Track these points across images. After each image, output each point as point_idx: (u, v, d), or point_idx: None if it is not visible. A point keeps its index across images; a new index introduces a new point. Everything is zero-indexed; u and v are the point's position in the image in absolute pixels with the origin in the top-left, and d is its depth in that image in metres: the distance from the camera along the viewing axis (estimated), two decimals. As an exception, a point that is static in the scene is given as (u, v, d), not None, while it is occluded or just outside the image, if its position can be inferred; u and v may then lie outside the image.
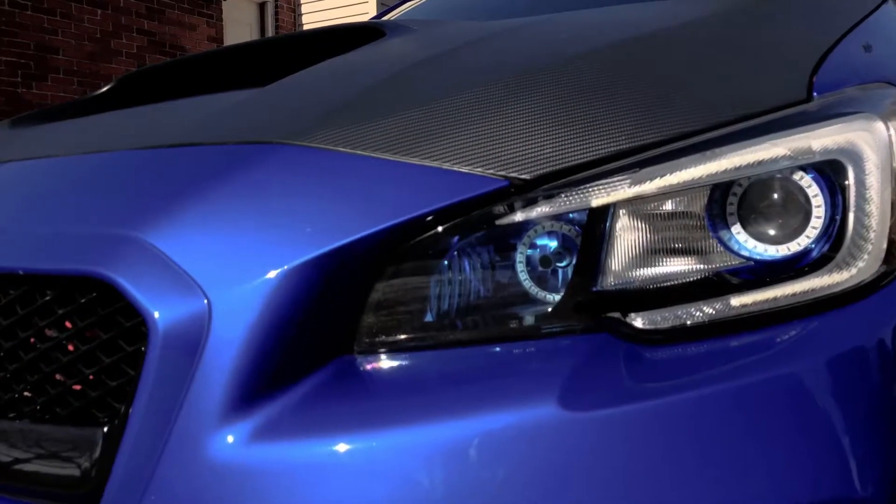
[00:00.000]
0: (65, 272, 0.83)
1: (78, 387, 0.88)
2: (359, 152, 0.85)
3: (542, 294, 0.84)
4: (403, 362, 0.82)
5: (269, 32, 9.77)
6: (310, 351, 0.80)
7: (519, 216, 0.80)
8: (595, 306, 0.82)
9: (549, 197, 0.80)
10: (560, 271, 0.84)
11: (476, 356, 0.81)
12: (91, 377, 0.86)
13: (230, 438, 0.75)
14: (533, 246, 0.84)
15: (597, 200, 0.79)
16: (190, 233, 0.81)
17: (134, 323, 0.82)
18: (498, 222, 0.80)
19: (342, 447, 0.74)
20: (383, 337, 0.83)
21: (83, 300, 0.84)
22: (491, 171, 0.80)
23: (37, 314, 0.89)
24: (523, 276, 0.83)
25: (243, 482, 0.74)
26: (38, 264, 0.85)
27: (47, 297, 0.87)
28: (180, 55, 8.64)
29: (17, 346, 0.91)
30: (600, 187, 0.79)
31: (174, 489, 0.76)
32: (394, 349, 0.83)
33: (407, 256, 0.82)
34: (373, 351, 0.83)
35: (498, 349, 0.81)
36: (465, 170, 0.81)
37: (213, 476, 0.75)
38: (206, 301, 0.77)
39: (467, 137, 0.84)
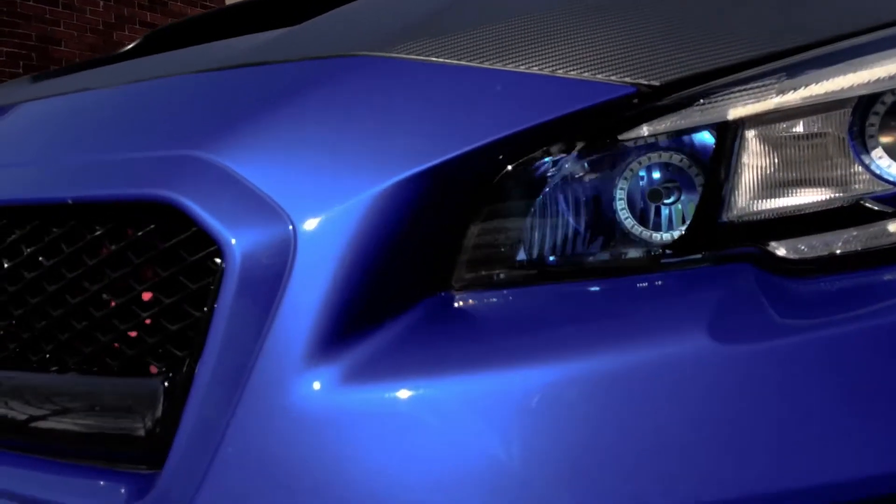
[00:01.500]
0: (123, 197, 0.72)
1: (133, 333, 0.78)
2: (454, 62, 0.74)
3: (663, 223, 0.73)
4: (509, 300, 0.72)
5: (272, 26, 9.67)
6: (404, 285, 0.70)
7: (646, 129, 0.70)
8: (727, 237, 0.71)
9: (681, 105, 0.69)
10: (680, 200, 0.74)
11: (593, 292, 0.71)
12: (148, 321, 0.75)
13: (318, 383, 0.65)
14: (651, 169, 0.74)
15: (737, 110, 0.69)
16: (268, 153, 0.71)
17: (204, 255, 0.71)
18: (622, 136, 0.70)
19: (453, 389, 0.63)
20: (484, 271, 0.72)
21: (143, 230, 0.74)
22: (613, 78, 0.69)
23: (85, 251, 0.78)
24: (642, 204, 0.73)
25: (334, 430, 0.64)
26: (89, 191, 0.74)
27: (97, 232, 0.77)
28: (183, 48, 8.55)
29: (61, 288, 0.80)
30: (743, 94, 0.68)
31: (253, 442, 0.65)
32: (497, 285, 0.72)
33: (512, 178, 0.72)
34: (472, 287, 0.72)
35: (619, 284, 0.71)
36: (580, 76, 0.70)
37: (299, 424, 0.64)
38: (290, 227, 0.67)
39: (578, 43, 0.74)
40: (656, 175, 0.74)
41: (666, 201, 0.75)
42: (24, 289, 0.83)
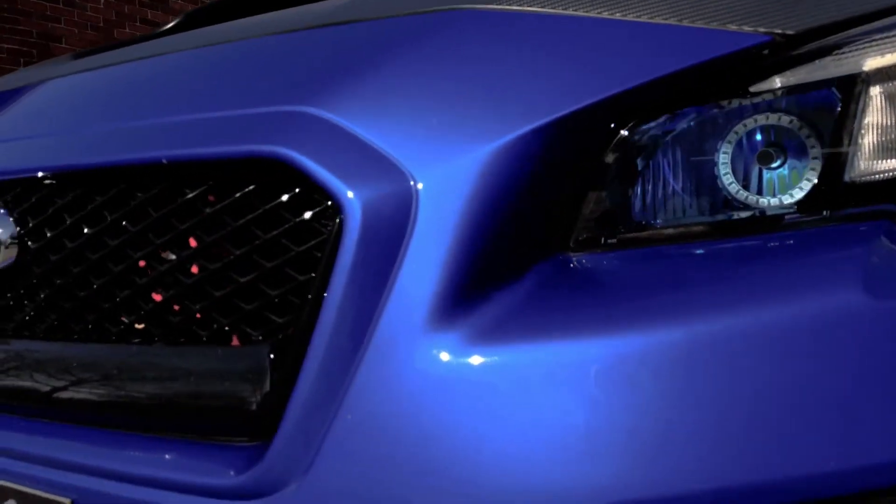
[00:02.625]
0: (227, 155, 0.69)
1: (225, 300, 0.74)
2: (570, 13, 0.71)
3: (775, 185, 0.70)
4: (629, 262, 0.69)
5: (273, 24, 9.62)
6: (523, 245, 0.67)
7: (779, 81, 0.67)
8: (853, 196, 0.68)
9: (816, 55, 0.66)
10: (806, 157, 0.71)
11: (724, 251, 0.68)
12: (247, 286, 0.72)
13: (443, 346, 0.62)
14: (762, 132, 0.71)
15: (874, 61, 0.66)
16: (380, 108, 0.68)
17: (314, 214, 0.68)
18: (754, 88, 0.67)
19: (585, 352, 0.60)
20: (600, 232, 0.69)
21: (243, 189, 0.70)
22: (746, 27, 0.66)
23: (177, 214, 0.75)
24: (771, 161, 0.70)
25: (462, 394, 0.61)
26: (186, 149, 0.71)
27: (189, 193, 0.73)
28: (184, 45, 8.49)
29: (149, 254, 0.76)
30: (881, 44, 0.65)
31: (375, 408, 0.62)
32: (614, 247, 0.69)
33: (636, 134, 0.68)
34: (588, 248, 0.69)
35: (749, 243, 0.68)
36: (709, 25, 0.67)
37: (425, 389, 0.61)
38: (411, 182, 0.64)
39: (701, -7, 0.70)
40: (761, 137, 0.71)
41: (773, 165, 0.72)
42: (107, 257, 0.80)
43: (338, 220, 0.64)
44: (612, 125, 0.68)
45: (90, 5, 7.54)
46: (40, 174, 0.83)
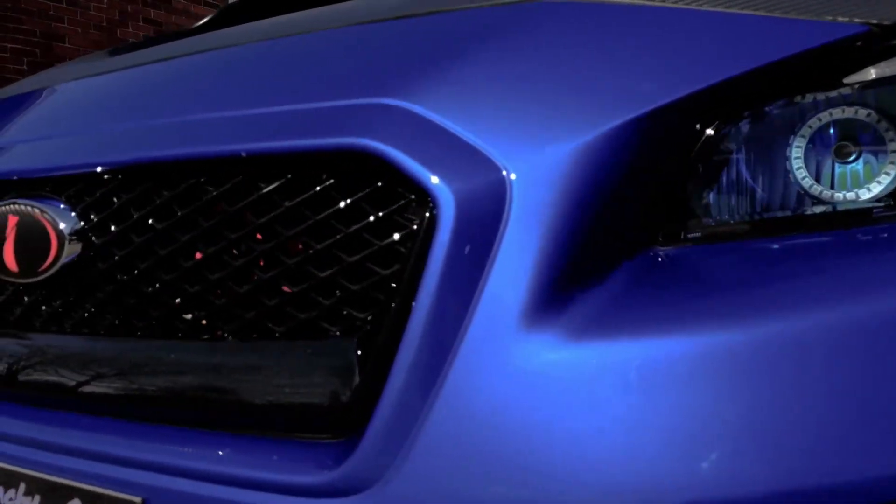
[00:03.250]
0: (312, 148, 0.67)
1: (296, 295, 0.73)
2: (658, 4, 0.70)
3: (859, 178, 0.69)
4: (720, 256, 0.68)
5: (275, 24, 9.60)
6: (617, 239, 0.66)
7: (874, 72, 0.66)
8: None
9: None
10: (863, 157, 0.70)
11: (814, 245, 0.67)
12: (327, 281, 0.71)
13: (540, 341, 0.61)
14: (841, 126, 0.70)
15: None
16: (469, 100, 0.67)
17: (400, 207, 0.67)
18: (848, 80, 0.66)
19: (686, 348, 0.59)
20: (692, 225, 0.68)
21: (328, 182, 0.69)
22: (841, 18, 0.65)
23: (252, 208, 0.73)
24: (864, 154, 0.69)
25: (561, 391, 0.60)
26: (267, 142, 0.69)
27: (263, 188, 0.72)
28: (187, 45, 8.47)
29: (222, 249, 0.75)
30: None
31: (470, 404, 0.61)
32: (705, 240, 0.68)
33: (726, 126, 0.68)
34: (679, 241, 0.68)
35: (831, 238, 0.67)
36: (803, 16, 0.66)
37: (522, 385, 0.60)
38: (504, 175, 0.63)
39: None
40: (838, 131, 0.71)
41: (850, 159, 0.71)
42: (177, 252, 0.79)
43: (430, 214, 0.63)
44: (704, 117, 0.67)
45: (93, 4, 7.52)
46: (105, 168, 0.81)
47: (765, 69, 0.65)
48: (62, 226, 0.84)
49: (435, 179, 0.63)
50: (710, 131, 0.68)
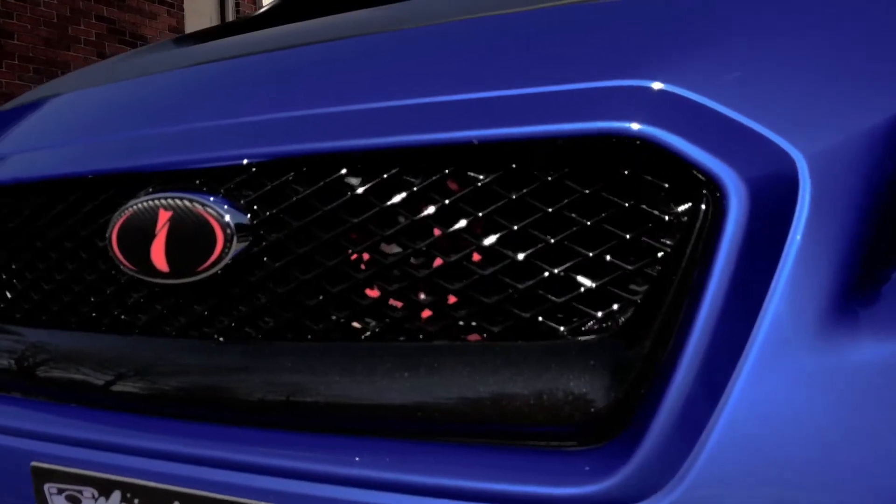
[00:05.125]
0: (566, 133, 0.62)
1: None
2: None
3: None
4: None
5: (230, 24, 9.38)
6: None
7: None
8: None
9: None
10: None
11: None
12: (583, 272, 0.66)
13: (843, 339, 0.57)
14: None
15: None
16: (742, 80, 0.63)
17: (673, 196, 0.62)
18: None
19: None
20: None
21: (582, 169, 0.64)
22: None
23: (475, 198, 0.68)
24: None
25: (868, 395, 0.56)
26: (510, 128, 0.64)
27: (485, 177, 0.67)
28: (140, 45, 8.20)
29: (432, 244, 0.70)
30: None
31: (765, 411, 0.57)
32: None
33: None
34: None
35: None
36: None
37: (826, 387, 0.56)
38: (793, 160, 0.59)
39: None
40: None
41: None
42: (370, 248, 0.73)
43: (716, 205, 0.59)
44: None
45: (43, 0, 7.23)
46: (282, 157, 0.75)
47: None
48: (228, 220, 0.77)
49: (722, 168, 0.58)
50: None
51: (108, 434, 0.84)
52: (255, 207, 0.78)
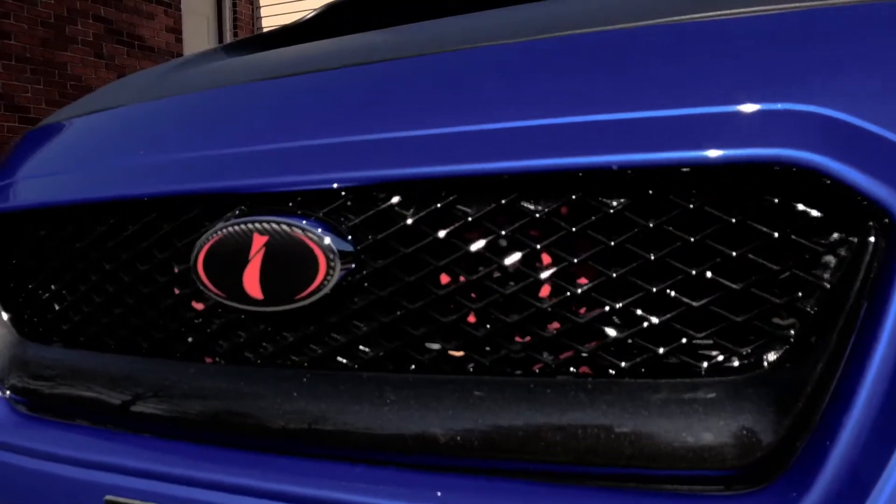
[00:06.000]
0: (709, 162, 0.59)
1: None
2: None
3: None
4: None
5: (227, 25, 9.32)
6: None
7: None
8: None
9: None
10: None
11: None
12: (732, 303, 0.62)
13: None
14: None
15: None
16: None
17: (835, 225, 0.59)
18: None
19: None
20: None
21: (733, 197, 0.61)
22: None
23: (602, 226, 0.64)
24: None
25: None
26: (654, 154, 0.61)
27: (616, 205, 0.63)
28: (138, 45, 8.13)
29: (560, 274, 0.66)
30: None
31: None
32: None
33: None
34: None
35: None
36: None
37: None
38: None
39: None
40: None
41: None
42: (487, 277, 0.69)
43: (884, 237, 0.56)
44: None
45: (41, 0, 7.15)
46: (389, 181, 0.71)
47: None
48: (331, 246, 0.73)
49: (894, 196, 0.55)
50: None
51: (190, 468, 0.80)
52: (357, 232, 0.74)
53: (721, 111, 0.60)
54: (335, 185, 0.73)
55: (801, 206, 0.60)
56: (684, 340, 0.63)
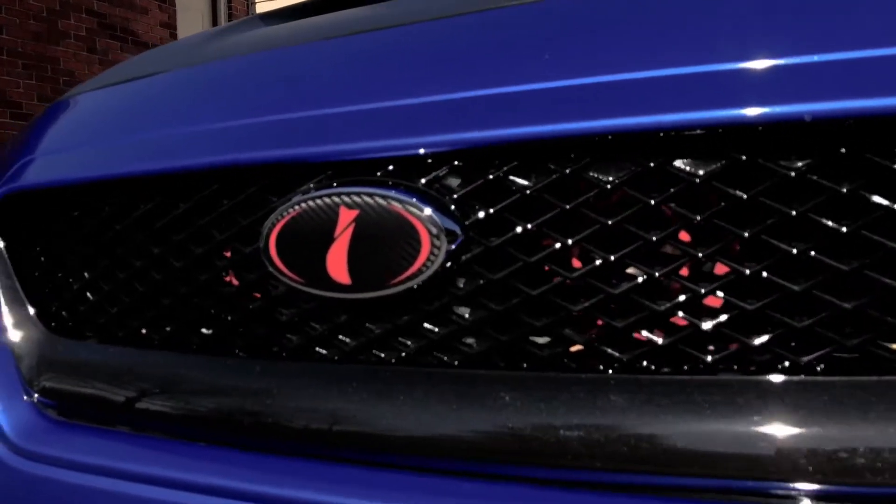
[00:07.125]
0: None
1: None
2: None
3: None
4: None
5: (222, 20, 9.18)
6: None
7: None
8: None
9: None
10: None
11: None
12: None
13: None
14: None
15: None
16: None
17: None
18: None
19: None
20: None
21: None
22: None
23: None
24: None
25: None
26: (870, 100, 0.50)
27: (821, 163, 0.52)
28: (132, 41, 7.99)
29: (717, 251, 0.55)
30: None
31: None
32: None
33: None
34: None
35: None
36: None
37: None
38: None
39: None
40: None
41: None
42: (639, 253, 0.58)
43: None
44: None
45: (33, -7, 7.00)
46: (517, 140, 0.59)
47: None
48: (436, 221, 0.62)
49: None
50: None
51: (262, 483, 0.69)
52: (464, 205, 0.63)
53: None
54: (439, 150, 0.62)
55: None
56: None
